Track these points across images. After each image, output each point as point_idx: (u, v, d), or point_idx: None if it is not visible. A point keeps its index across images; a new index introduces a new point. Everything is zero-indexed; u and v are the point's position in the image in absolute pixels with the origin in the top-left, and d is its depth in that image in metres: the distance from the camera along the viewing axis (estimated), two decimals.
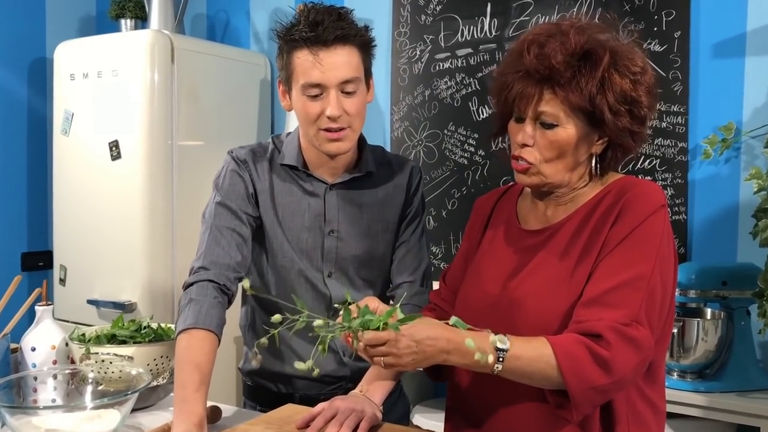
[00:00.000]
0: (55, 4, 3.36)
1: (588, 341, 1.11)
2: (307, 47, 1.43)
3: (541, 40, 1.21)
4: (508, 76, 1.23)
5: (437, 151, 2.86)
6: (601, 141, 1.25)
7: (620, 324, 1.12)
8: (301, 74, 1.44)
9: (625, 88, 1.19)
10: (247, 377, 1.69)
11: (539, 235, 1.30)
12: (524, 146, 1.24)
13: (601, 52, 1.19)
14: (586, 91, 1.17)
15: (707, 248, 2.38)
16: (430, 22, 2.87)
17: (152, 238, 2.72)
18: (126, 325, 1.55)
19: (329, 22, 1.43)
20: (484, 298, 1.31)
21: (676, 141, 2.42)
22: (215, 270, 1.44)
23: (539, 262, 1.27)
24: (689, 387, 2.06)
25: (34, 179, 3.30)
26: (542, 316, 1.22)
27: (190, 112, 2.83)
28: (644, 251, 1.18)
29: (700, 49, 2.38)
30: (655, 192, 1.23)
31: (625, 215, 1.21)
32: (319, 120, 1.45)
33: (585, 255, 1.22)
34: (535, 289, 1.24)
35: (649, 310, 1.16)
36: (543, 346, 1.12)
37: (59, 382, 1.44)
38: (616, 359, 1.11)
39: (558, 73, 1.17)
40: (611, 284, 1.16)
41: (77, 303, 2.86)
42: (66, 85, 2.90)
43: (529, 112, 1.22)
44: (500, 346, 1.11)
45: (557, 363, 1.10)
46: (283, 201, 1.55)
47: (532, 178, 1.26)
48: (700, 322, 2.05)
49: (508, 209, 1.40)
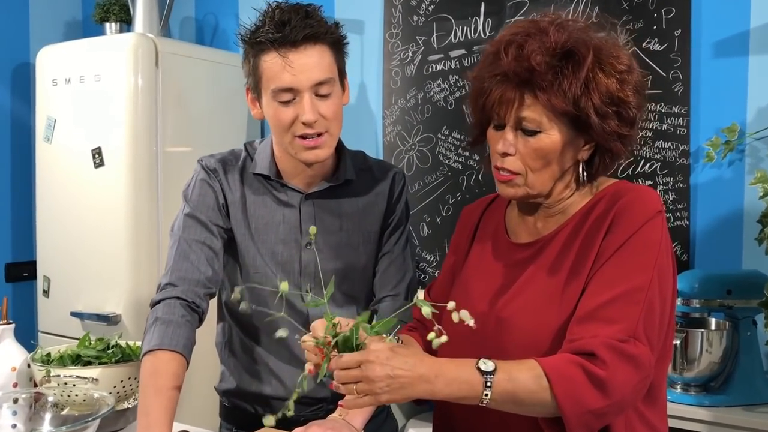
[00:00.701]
0: (40, 8, 3.28)
1: (582, 361, 1.02)
2: (274, 49, 1.34)
3: (519, 40, 1.12)
4: (485, 81, 1.14)
5: (431, 156, 2.78)
6: (588, 146, 1.17)
7: (616, 340, 1.04)
8: (271, 79, 1.35)
9: (611, 89, 1.11)
10: (224, 397, 1.61)
11: (529, 248, 1.22)
12: (505, 155, 1.15)
13: (584, 50, 1.10)
14: (569, 93, 1.09)
15: (711, 255, 2.30)
16: (422, 23, 2.78)
17: (136, 249, 2.63)
18: (93, 344, 1.47)
19: (296, 20, 1.34)
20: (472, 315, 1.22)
21: (678, 143, 2.33)
22: (183, 286, 1.35)
23: (529, 277, 1.18)
24: (693, 401, 1.99)
25: (18, 188, 3.22)
26: (532, 335, 1.13)
27: (177, 117, 2.75)
28: (641, 261, 1.09)
29: (702, 47, 2.30)
30: (651, 197, 1.14)
31: (620, 223, 1.12)
32: (293, 127, 1.37)
33: (577, 268, 1.13)
34: (524, 307, 1.16)
35: (648, 325, 1.07)
36: (534, 368, 1.03)
37: (20, 406, 1.36)
38: (613, 379, 1.02)
39: (539, 76, 1.09)
40: (606, 298, 1.07)
41: (61, 315, 2.78)
42: (48, 91, 2.82)
43: (509, 119, 1.13)
44: (484, 368, 1.02)
45: (549, 385, 1.01)
46: (255, 212, 1.46)
47: (516, 189, 1.17)
48: (704, 332, 1.98)
49: (495, 220, 1.32)
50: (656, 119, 2.35)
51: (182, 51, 2.83)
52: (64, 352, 1.46)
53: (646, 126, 2.37)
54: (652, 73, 2.35)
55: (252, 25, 1.39)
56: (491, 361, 1.02)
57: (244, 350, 1.53)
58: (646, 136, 2.37)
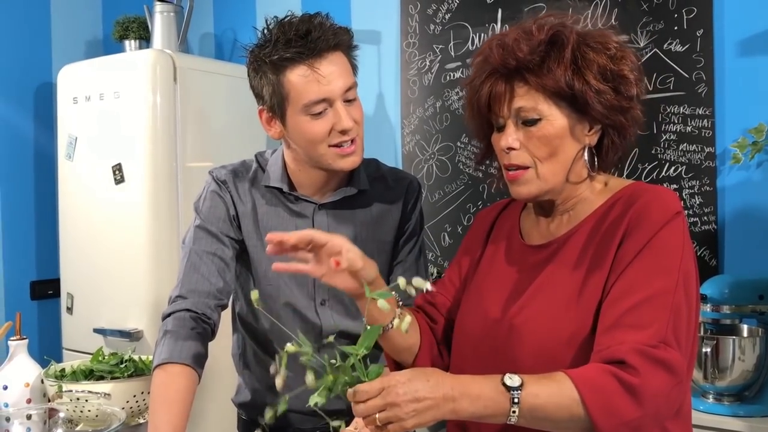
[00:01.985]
0: (61, 29, 3.32)
1: (613, 369, 0.97)
2: (303, 62, 1.30)
3: (504, 39, 1.12)
4: (476, 82, 1.13)
5: (450, 165, 2.74)
6: (594, 130, 1.14)
7: (646, 346, 0.98)
8: (301, 93, 1.31)
9: (602, 63, 1.09)
10: (240, 410, 1.59)
11: (543, 250, 1.17)
12: (510, 150, 1.12)
13: (566, 32, 1.11)
14: (558, 72, 1.07)
15: (741, 260, 2.23)
16: (439, 32, 2.76)
17: (157, 265, 2.63)
18: (106, 359, 1.45)
19: (318, 31, 1.31)
20: (483, 322, 1.18)
21: (703, 146, 2.26)
22: (193, 298, 1.34)
23: (543, 281, 1.14)
24: (727, 411, 1.91)
25: (41, 206, 3.25)
26: (546, 341, 1.08)
27: (196, 132, 2.76)
28: (664, 264, 1.05)
29: (725, 47, 2.24)
30: (670, 198, 1.10)
31: (638, 226, 1.08)
32: (329, 137, 1.34)
33: (593, 271, 1.09)
34: (537, 313, 1.11)
35: (677, 329, 1.02)
36: (562, 380, 0.97)
37: (34, 422, 1.35)
38: (646, 386, 0.96)
39: (525, 61, 1.08)
40: (631, 303, 1.02)
41: (84, 332, 2.79)
42: (69, 109, 2.85)
43: (505, 112, 1.11)
44: (510, 383, 0.96)
45: (581, 398, 0.95)
46: (268, 224, 1.44)
47: (528, 186, 1.13)
48: (736, 339, 1.92)
49: (510, 223, 1.28)
50: (680, 121, 2.30)
51: (200, 66, 2.84)
52: (77, 368, 1.45)
53: (669, 129, 2.32)
54: (674, 74, 2.30)
55: (257, 43, 1.36)
56: (517, 376, 0.97)
57: (258, 362, 1.51)
58: (670, 139, 2.31)
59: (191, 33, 3.20)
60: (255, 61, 1.36)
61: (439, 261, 2.76)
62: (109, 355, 1.47)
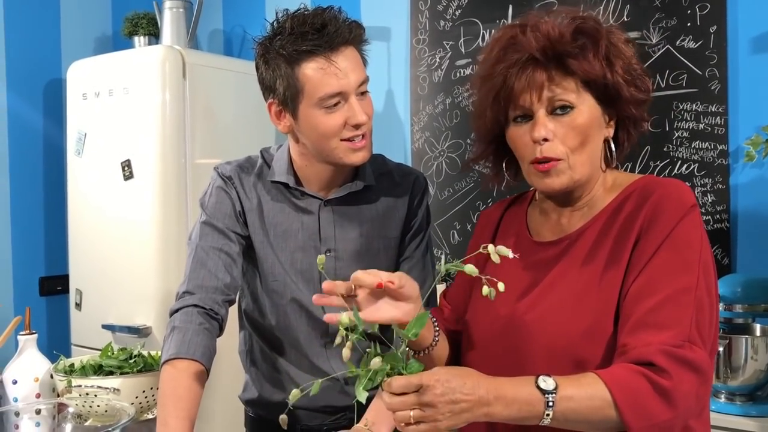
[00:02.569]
0: (71, 25, 3.32)
1: (645, 371, 0.97)
2: (320, 56, 1.29)
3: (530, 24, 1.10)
4: (504, 72, 1.10)
5: (460, 162, 2.73)
6: (611, 123, 1.14)
7: (672, 346, 0.98)
8: (317, 86, 1.30)
9: (627, 57, 1.11)
10: (248, 407, 1.58)
11: (554, 246, 1.16)
12: (545, 141, 1.09)
13: (592, 23, 1.11)
14: (596, 63, 1.07)
15: (754, 258, 2.21)
16: (449, 28, 2.74)
17: (166, 261, 2.63)
18: (115, 354, 1.45)
19: (333, 25, 1.30)
20: (494, 320, 1.17)
21: (716, 143, 2.24)
22: (201, 294, 1.33)
23: (556, 277, 1.13)
24: (739, 411, 1.90)
25: (50, 202, 3.25)
26: (560, 337, 1.07)
27: (205, 128, 2.75)
28: (685, 259, 1.04)
29: (739, 43, 2.22)
30: (684, 192, 1.09)
31: (656, 220, 1.07)
32: (342, 131, 1.33)
33: (611, 265, 1.08)
34: (551, 308, 1.10)
35: (701, 326, 1.01)
36: (595, 383, 0.96)
37: (43, 417, 1.34)
38: (678, 389, 0.96)
39: (567, 45, 1.07)
40: (653, 302, 1.02)
41: (93, 328, 2.79)
42: (78, 105, 2.85)
43: (541, 102, 1.09)
44: (546, 387, 0.95)
45: (613, 400, 0.95)
46: (273, 220, 1.43)
47: (561, 177, 1.11)
48: (748, 339, 1.90)
49: (517, 221, 1.27)
50: (692, 119, 2.27)
51: (209, 62, 2.83)
52: (86, 363, 1.44)
53: (682, 126, 2.30)
54: (687, 71, 2.28)
55: (267, 35, 1.35)
56: (551, 379, 0.96)
57: (265, 359, 1.50)
58: (683, 136, 2.29)
59: (200, 29, 3.20)
60: (266, 53, 1.34)
61: (448, 259, 2.75)
62: (118, 351, 1.46)
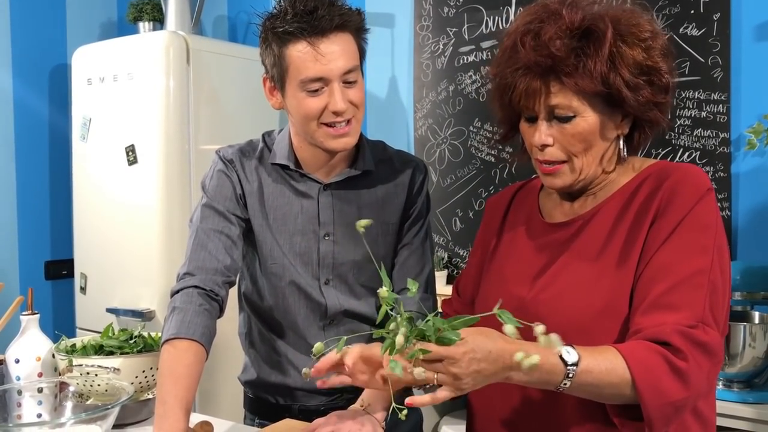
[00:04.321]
0: (76, 10, 3.34)
1: (663, 350, 0.98)
2: (303, 39, 1.31)
3: (534, 29, 1.08)
4: (507, 76, 1.10)
5: (463, 149, 2.73)
6: (626, 120, 1.13)
7: (686, 327, 0.99)
8: (299, 69, 1.32)
9: (639, 59, 1.07)
10: (247, 388, 1.60)
11: (567, 227, 1.17)
12: (545, 147, 1.11)
13: (602, 25, 1.06)
14: (596, 73, 1.05)
15: (754, 246, 2.21)
16: (453, 14, 2.74)
17: (169, 245, 2.65)
18: (116, 335, 1.46)
19: (324, 9, 1.31)
20: (510, 300, 1.16)
21: (718, 131, 2.24)
22: (201, 275, 1.34)
23: (570, 257, 1.14)
24: (736, 398, 1.91)
25: (56, 187, 3.28)
26: (576, 316, 1.09)
27: (209, 114, 2.77)
28: (700, 242, 1.05)
29: (742, 31, 2.22)
30: (700, 175, 1.10)
31: (672, 204, 1.08)
32: (322, 116, 1.34)
33: (627, 246, 1.09)
34: (565, 288, 1.12)
35: (715, 309, 1.03)
36: (614, 358, 0.98)
37: (45, 395, 1.36)
38: (693, 370, 0.98)
39: (561, 61, 1.05)
40: (668, 284, 1.03)
41: (97, 312, 2.82)
42: (83, 90, 2.86)
43: (540, 110, 1.09)
44: (568, 359, 0.96)
45: (631, 376, 0.97)
46: (273, 203, 1.44)
47: (564, 178, 1.13)
48: (747, 326, 1.90)
49: (528, 206, 1.28)
50: (695, 107, 2.27)
51: (214, 48, 2.84)
52: (87, 343, 1.46)
53: (684, 114, 2.29)
54: (690, 59, 2.27)
55: (270, 14, 1.36)
56: (574, 350, 0.97)
57: (264, 341, 1.52)
58: (685, 124, 2.29)
59: (205, 15, 3.21)
60: (264, 31, 1.37)
61: (450, 246, 2.76)
62: (119, 331, 1.48)
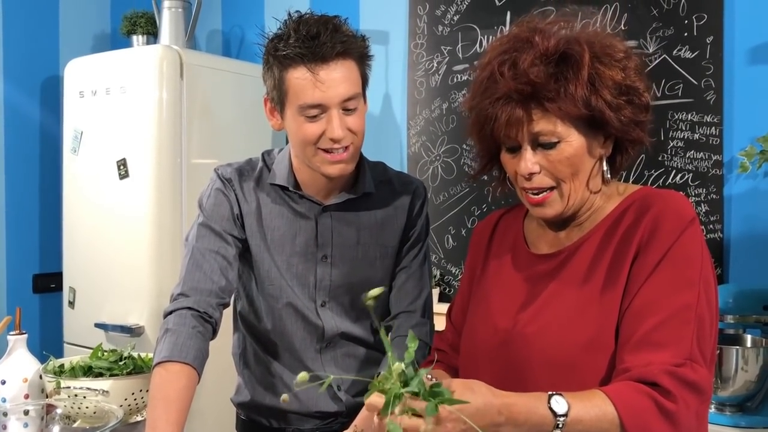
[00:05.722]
0: (69, 22, 3.32)
1: (652, 392, 0.97)
2: (304, 65, 1.29)
3: (509, 58, 1.08)
4: (488, 107, 1.09)
5: (456, 167, 2.73)
6: (608, 141, 1.13)
7: (674, 366, 0.98)
8: (298, 94, 1.31)
9: (617, 79, 1.07)
10: (239, 410, 1.58)
11: (552, 259, 1.16)
12: (531, 175, 1.10)
13: (578, 48, 1.07)
14: (578, 96, 1.05)
15: (746, 269, 2.22)
16: (447, 33, 2.75)
17: (160, 261, 2.63)
18: (105, 356, 1.45)
19: (326, 35, 1.29)
20: (494, 334, 1.17)
21: (710, 153, 2.25)
22: (195, 297, 1.33)
23: (555, 290, 1.13)
24: (729, 422, 1.91)
25: (46, 199, 3.25)
26: (560, 351, 1.08)
27: (202, 129, 2.75)
28: (685, 275, 1.04)
29: (735, 54, 2.23)
30: (683, 205, 1.09)
31: (655, 235, 1.06)
32: (319, 141, 1.33)
33: (610, 280, 1.08)
34: (550, 321, 1.10)
35: (702, 343, 1.02)
36: (603, 403, 0.97)
37: (31, 418, 1.34)
38: (683, 412, 0.97)
39: (542, 87, 1.05)
40: (655, 320, 1.02)
41: (86, 326, 2.78)
42: (75, 103, 2.84)
43: (523, 138, 1.08)
44: (558, 410, 0.95)
45: (620, 422, 0.96)
46: (271, 224, 1.43)
47: (554, 206, 1.12)
48: (739, 350, 1.90)
49: (513, 233, 1.27)
50: (688, 129, 2.28)
51: (207, 63, 2.83)
52: (76, 364, 1.44)
53: (677, 136, 2.30)
54: (683, 81, 2.28)
55: (274, 35, 1.35)
56: (563, 400, 0.96)
57: (258, 362, 1.50)
58: (678, 146, 2.30)
59: (199, 29, 3.20)
60: (266, 53, 1.36)
61: (442, 263, 2.75)
62: (108, 352, 1.46)
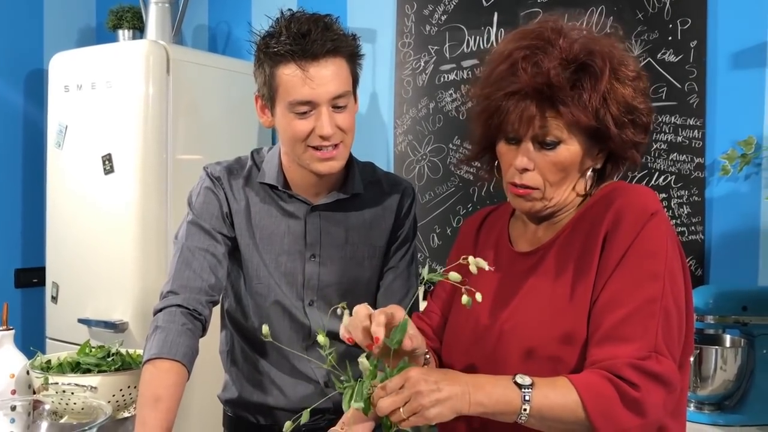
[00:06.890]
0: (54, 16, 3.29)
1: (615, 380, 1.00)
2: (294, 62, 1.31)
3: (532, 55, 1.09)
4: (500, 99, 1.10)
5: (442, 166, 2.75)
6: (601, 154, 1.15)
7: (638, 359, 1.00)
8: (288, 91, 1.32)
9: (627, 97, 1.09)
10: (227, 407, 1.58)
11: (531, 257, 1.19)
12: (525, 171, 1.12)
13: (600, 62, 1.09)
14: (590, 107, 1.07)
15: (726, 271, 2.25)
16: (435, 33, 2.76)
17: (145, 256, 2.62)
18: (93, 352, 1.45)
19: (317, 33, 1.30)
20: (474, 328, 1.19)
21: (693, 156, 2.29)
22: (185, 294, 1.33)
23: (531, 287, 1.16)
24: (707, 420, 1.94)
25: (29, 194, 3.22)
26: (536, 345, 1.10)
27: (188, 124, 2.74)
28: (650, 269, 1.06)
29: (718, 59, 2.26)
30: (647, 198, 1.11)
31: (617, 230, 1.08)
32: (309, 138, 1.34)
33: (580, 275, 1.10)
34: (527, 317, 1.13)
35: (667, 336, 1.04)
36: (566, 385, 1.00)
37: (18, 413, 1.33)
38: (647, 400, 1.00)
39: (560, 91, 1.07)
40: (619, 315, 1.04)
41: (69, 322, 2.76)
42: (60, 97, 2.82)
43: (529, 134, 1.10)
44: (521, 381, 0.99)
45: (582, 401, 0.99)
46: (260, 223, 1.44)
47: (534, 203, 1.15)
48: (718, 350, 1.93)
49: (497, 230, 1.29)
50: (671, 131, 2.31)
51: (194, 58, 2.82)
52: (63, 360, 1.44)
53: (660, 138, 2.34)
54: (666, 84, 2.32)
55: (265, 32, 1.36)
56: (528, 377, 1.00)
57: (246, 360, 1.51)
58: (661, 148, 2.33)
59: (185, 25, 3.19)
60: (257, 50, 1.37)
61: (428, 262, 2.77)
62: (96, 348, 1.46)
